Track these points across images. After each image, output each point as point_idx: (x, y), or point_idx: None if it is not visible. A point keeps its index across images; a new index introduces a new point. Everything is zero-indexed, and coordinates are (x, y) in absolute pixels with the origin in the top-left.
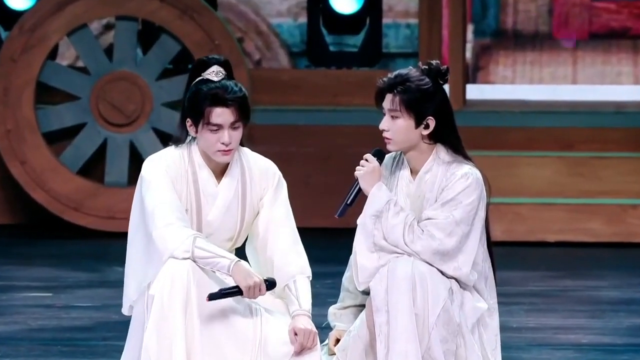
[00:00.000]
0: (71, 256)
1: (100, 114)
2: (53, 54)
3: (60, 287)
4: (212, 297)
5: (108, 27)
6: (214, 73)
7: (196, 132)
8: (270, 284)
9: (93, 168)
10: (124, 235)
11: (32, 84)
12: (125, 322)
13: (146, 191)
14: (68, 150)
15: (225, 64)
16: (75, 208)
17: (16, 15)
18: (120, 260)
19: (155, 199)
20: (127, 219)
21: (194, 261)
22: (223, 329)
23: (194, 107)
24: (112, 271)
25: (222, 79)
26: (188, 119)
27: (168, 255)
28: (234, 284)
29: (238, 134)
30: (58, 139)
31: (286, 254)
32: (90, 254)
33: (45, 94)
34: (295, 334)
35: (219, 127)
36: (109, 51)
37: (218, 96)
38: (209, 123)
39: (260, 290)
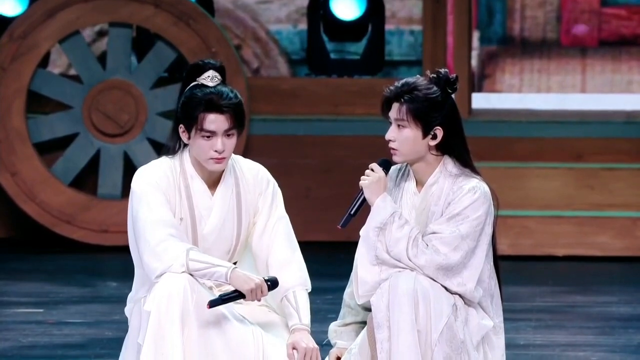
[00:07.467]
0: (63, 271)
1: (93, 124)
2: (44, 62)
3: (52, 302)
4: (212, 303)
5: (101, 34)
6: (210, 78)
7: (189, 138)
8: (272, 284)
9: (86, 180)
10: (117, 250)
11: (22, 93)
12: (119, 339)
13: (137, 206)
14: (60, 161)
15: (220, 69)
16: (68, 221)
17: (6, 21)
18: (114, 275)
19: (147, 215)
20: (121, 232)
21: (191, 275)
22: (222, 347)
23: (188, 113)
24: (105, 286)
25: (218, 84)
26: (181, 125)
27: (162, 273)
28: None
29: (232, 142)
30: (49, 149)
31: (285, 264)
32: (82, 269)
33: (36, 104)
34: (294, 349)
35: (213, 134)
36: (102, 59)
37: (213, 102)
38: (202, 129)
39: (262, 291)
